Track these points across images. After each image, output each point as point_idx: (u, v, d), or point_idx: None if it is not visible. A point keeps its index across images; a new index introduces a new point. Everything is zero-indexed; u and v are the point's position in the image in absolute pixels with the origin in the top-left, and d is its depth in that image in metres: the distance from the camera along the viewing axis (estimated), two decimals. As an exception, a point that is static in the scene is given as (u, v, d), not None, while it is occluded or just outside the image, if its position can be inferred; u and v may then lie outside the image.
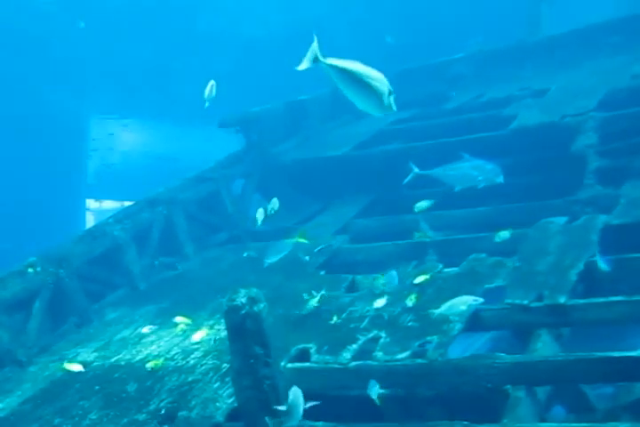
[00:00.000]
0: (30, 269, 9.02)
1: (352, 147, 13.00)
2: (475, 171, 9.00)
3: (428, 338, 6.93)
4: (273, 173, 13.10)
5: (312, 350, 7.15)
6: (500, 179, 8.94)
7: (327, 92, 15.16)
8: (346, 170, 12.47)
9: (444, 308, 6.86)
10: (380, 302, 7.70)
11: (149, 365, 7.48)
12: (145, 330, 8.28)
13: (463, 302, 6.81)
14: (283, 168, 13.01)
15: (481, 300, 6.85)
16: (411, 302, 7.52)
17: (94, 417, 6.96)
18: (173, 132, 24.75)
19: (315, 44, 4.68)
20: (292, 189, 12.93)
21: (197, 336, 7.80)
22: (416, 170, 9.51)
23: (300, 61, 4.70)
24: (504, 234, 8.58)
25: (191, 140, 23.93)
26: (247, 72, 21.46)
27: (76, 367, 7.78)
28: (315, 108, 14.85)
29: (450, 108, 14.13)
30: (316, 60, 4.67)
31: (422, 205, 9.64)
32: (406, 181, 9.60)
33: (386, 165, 12.12)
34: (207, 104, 9.67)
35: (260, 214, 9.62)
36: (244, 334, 5.78)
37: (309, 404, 5.67)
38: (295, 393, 5.60)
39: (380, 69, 4.92)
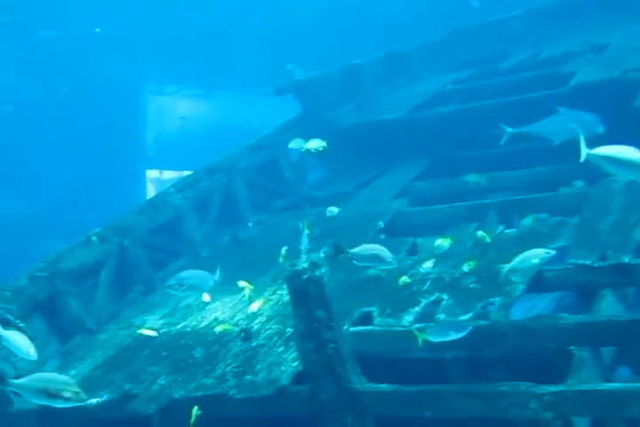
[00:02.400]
0: (95, 240, 9.21)
1: (409, 109, 12.89)
2: (573, 123, 8.72)
3: (491, 300, 6.90)
4: (330, 138, 13.03)
5: (374, 314, 7.19)
6: (601, 129, 8.57)
7: (381, 55, 15.04)
8: (403, 133, 12.38)
9: (515, 262, 6.69)
10: (428, 264, 7.68)
11: (218, 329, 7.60)
12: (206, 298, 8.39)
13: (535, 256, 6.60)
14: (340, 133, 12.97)
15: (553, 252, 6.65)
16: (472, 263, 7.48)
17: (163, 382, 7.13)
18: (230, 100, 24.83)
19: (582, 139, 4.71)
20: (350, 154, 12.91)
21: (254, 306, 7.89)
22: (509, 129, 9.27)
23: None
24: (526, 221, 8.36)
25: (248, 107, 23.98)
26: (303, 37, 21.37)
27: (150, 333, 7.98)
28: (369, 72, 14.73)
29: (507, 67, 13.89)
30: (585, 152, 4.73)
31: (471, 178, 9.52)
32: (503, 141, 9.37)
33: (443, 127, 12.01)
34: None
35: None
36: (307, 299, 5.84)
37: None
38: None
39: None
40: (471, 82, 13.57)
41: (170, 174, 25.28)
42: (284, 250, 8.12)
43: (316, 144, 9.09)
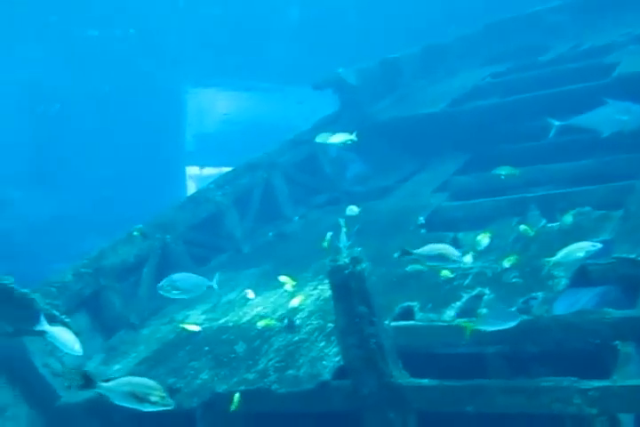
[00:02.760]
0: (138, 236, 9.31)
1: (448, 103, 12.83)
2: (621, 114, 8.57)
3: (533, 294, 6.85)
4: (369, 132, 13.03)
5: (416, 309, 7.17)
6: None
7: (419, 49, 14.98)
8: (443, 127, 12.33)
9: (560, 255, 6.58)
10: (468, 259, 7.63)
11: (260, 324, 7.65)
12: (250, 295, 8.44)
13: (581, 249, 6.48)
14: (379, 127, 12.95)
15: (599, 245, 6.52)
16: (514, 258, 7.43)
17: (205, 377, 7.19)
18: (268, 95, 24.90)
19: None
20: (389, 148, 12.89)
21: (295, 301, 7.92)
22: (556, 122, 9.16)
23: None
24: (567, 218, 8.23)
25: (287, 103, 24.03)
26: (341, 31, 21.36)
27: (194, 328, 8.06)
28: (408, 66, 14.69)
29: (547, 59, 13.75)
30: None
31: None
32: (551, 135, 9.26)
33: (483, 121, 11.93)
34: None
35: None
36: (349, 294, 5.85)
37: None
38: None
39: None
40: (510, 75, 13.46)
41: (210, 171, 25.43)
42: (328, 235, 8.11)
43: (344, 137, 9.05)
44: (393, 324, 6.86)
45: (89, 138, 20.71)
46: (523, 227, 8.09)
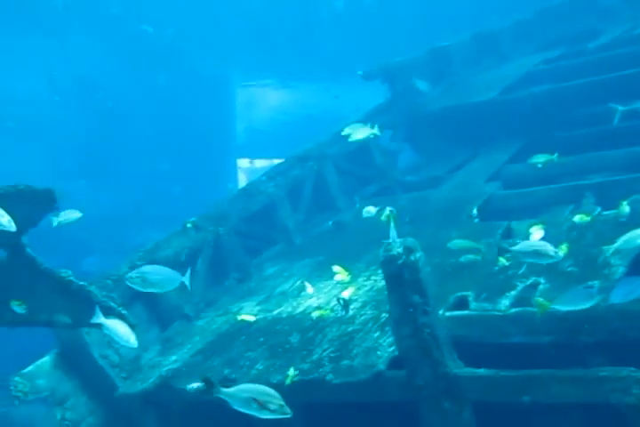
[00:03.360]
0: (191, 228, 9.42)
1: (499, 91, 12.70)
2: None
3: (589, 283, 6.76)
4: (420, 122, 13.01)
5: (470, 298, 7.13)
6: None
7: (469, 37, 14.84)
8: (494, 115, 12.22)
9: (620, 242, 6.46)
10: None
11: (315, 314, 7.69)
12: (309, 290, 8.46)
13: (638, 236, 6.35)
14: (429, 117, 12.89)
15: None
16: (569, 246, 7.34)
17: (261, 367, 7.25)
18: (316, 88, 24.92)
19: None
20: (440, 138, 12.82)
21: (346, 293, 7.93)
22: (620, 108, 9.00)
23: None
24: (623, 206, 8.03)
25: (334, 95, 24.01)
26: (387, 23, 21.26)
27: (250, 318, 8.14)
28: (458, 54, 14.57)
29: (601, 43, 13.51)
30: None
31: None
32: (615, 121, 9.10)
33: (536, 108, 11.79)
34: None
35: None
36: (402, 284, 5.85)
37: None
38: None
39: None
40: (564, 60, 13.26)
41: (261, 163, 25.56)
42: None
43: (367, 132, 9.05)
44: (447, 314, 6.85)
45: (143, 132, 20.96)
46: (578, 216, 7.98)
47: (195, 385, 7.26)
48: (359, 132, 9.02)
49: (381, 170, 12.23)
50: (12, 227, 5.93)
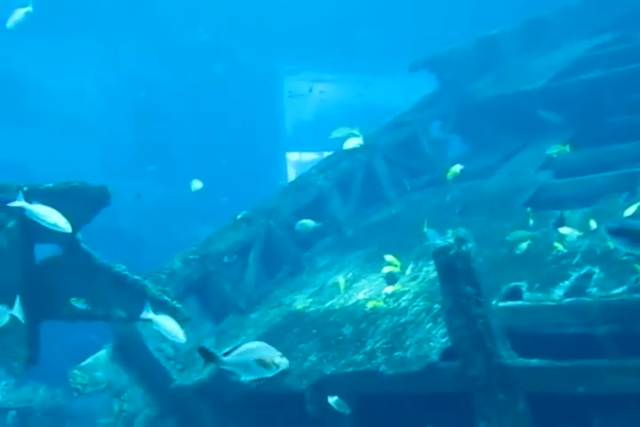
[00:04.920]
0: (243, 222, 9.48)
1: (550, 78, 12.52)
2: None
3: (646, 272, 6.66)
4: (469, 112, 12.90)
5: (523, 288, 7.07)
6: None
7: (518, 24, 14.65)
8: (545, 103, 12.06)
9: None
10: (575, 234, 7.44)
11: (369, 305, 7.69)
12: (341, 281, 8.48)
13: None
14: (479, 106, 12.77)
15: None
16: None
17: (314, 359, 7.29)
18: (362, 80, 24.86)
19: None
20: (490, 127, 12.70)
21: (389, 289, 7.92)
22: None
23: None
24: None
25: (381, 86, 23.95)
26: (432, 13, 21.12)
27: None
28: (506, 42, 14.39)
29: (653, 27, 13.26)
30: None
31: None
32: None
33: (588, 94, 11.61)
34: None
35: None
36: (455, 275, 5.83)
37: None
38: None
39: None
40: (615, 46, 13.02)
41: (309, 156, 25.58)
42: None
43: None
44: (500, 304, 6.80)
45: (192, 128, 21.12)
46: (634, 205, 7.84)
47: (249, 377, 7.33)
48: (348, 142, 9.22)
49: (431, 161, 12.17)
50: (69, 228, 6.05)
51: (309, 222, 9.03)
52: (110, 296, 6.78)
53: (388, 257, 8.24)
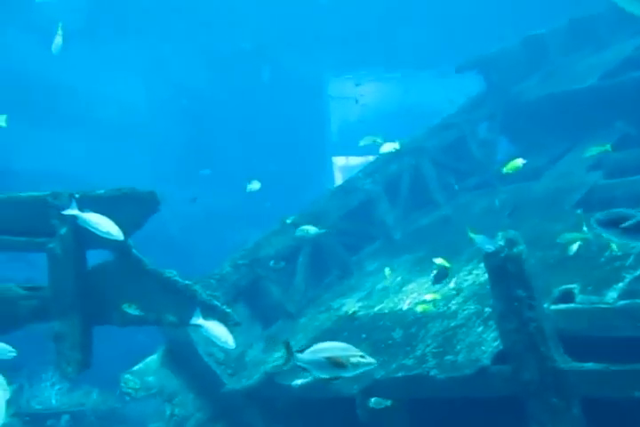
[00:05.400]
0: (291, 227, 9.48)
1: (598, 77, 12.34)
2: None
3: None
4: (516, 112, 12.77)
5: (576, 291, 6.96)
6: None
7: (565, 24, 14.48)
8: (594, 102, 11.88)
9: None
10: None
11: (419, 309, 7.64)
12: (387, 273, 8.37)
13: None
14: (526, 107, 12.63)
15: None
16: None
17: (364, 363, 7.25)
18: (409, 81, 24.76)
19: None
20: (538, 128, 12.55)
21: (429, 296, 7.84)
22: None
23: None
24: None
25: (427, 88, 23.83)
26: (476, 12, 20.96)
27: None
28: (553, 42, 14.22)
29: None
30: None
31: None
32: None
33: (637, 93, 11.41)
34: None
35: None
36: (506, 277, 5.76)
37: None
38: None
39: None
40: (666, 43, 12.81)
41: (356, 160, 25.55)
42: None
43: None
44: (552, 307, 6.70)
45: (239, 133, 21.23)
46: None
47: (299, 382, 7.34)
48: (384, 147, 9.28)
49: (480, 163, 12.06)
50: (121, 236, 6.12)
51: (311, 229, 8.97)
52: (161, 301, 6.83)
53: (438, 260, 8.18)
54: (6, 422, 6.78)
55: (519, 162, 8.74)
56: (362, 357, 4.68)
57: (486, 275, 6.14)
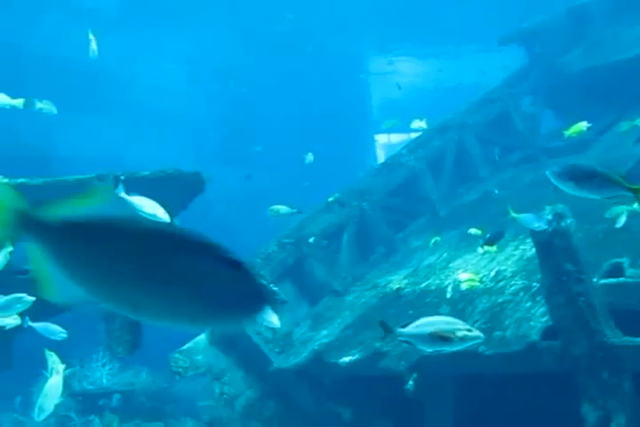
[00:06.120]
0: (336, 205, 9.50)
1: (645, 47, 12.09)
2: None
3: None
4: (560, 85, 12.58)
5: (625, 265, 6.85)
6: None
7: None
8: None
9: None
10: None
11: (464, 286, 7.58)
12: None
13: None
14: (571, 79, 12.43)
15: None
16: None
17: (411, 340, 7.24)
18: (450, 56, 24.51)
19: None
20: (583, 100, 12.34)
21: (464, 276, 7.75)
22: None
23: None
24: None
25: (468, 64, 23.57)
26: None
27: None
28: (598, 12, 13.94)
29: None
30: None
31: None
32: None
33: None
34: None
35: None
36: (554, 252, 5.71)
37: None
38: None
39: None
40: None
41: (398, 137, 25.42)
42: None
43: None
44: (601, 281, 6.62)
45: (280, 114, 21.20)
46: None
47: (347, 359, 7.36)
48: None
49: (524, 137, 11.92)
50: (167, 218, 6.15)
51: (282, 208, 8.82)
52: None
53: (473, 230, 8.07)
54: (60, 402, 6.91)
55: (583, 125, 8.53)
56: (469, 330, 4.64)
57: (533, 250, 6.09)
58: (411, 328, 4.62)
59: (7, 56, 15.76)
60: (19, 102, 6.68)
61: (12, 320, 6.24)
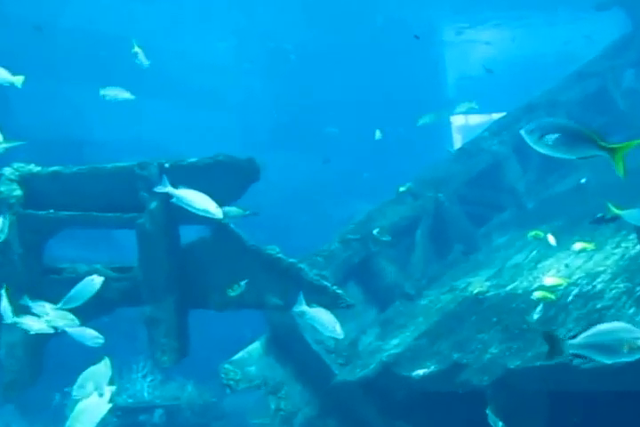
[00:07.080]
0: (407, 196, 9.45)
1: None
2: None
3: None
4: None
5: None
6: None
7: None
8: None
9: None
10: None
11: (559, 288, 7.45)
12: (552, 241, 8.14)
13: None
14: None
15: None
16: None
17: (495, 351, 7.19)
18: (536, 26, 24.23)
19: None
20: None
21: (550, 280, 7.62)
22: None
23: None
24: None
25: (561, 34, 23.27)
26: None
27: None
28: None
29: None
30: None
31: None
32: None
33: None
34: None
35: None
36: (664, 250, 5.61)
37: None
38: None
39: None
40: None
41: (477, 119, 25.22)
42: None
43: None
44: None
45: (343, 94, 21.14)
46: None
47: (421, 372, 7.34)
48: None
49: (625, 116, 11.72)
50: (220, 213, 6.16)
51: (233, 210, 8.32)
52: (263, 282, 6.91)
53: (577, 245, 7.93)
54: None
55: None
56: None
57: (638, 247, 5.98)
58: (582, 338, 4.54)
59: (41, 34, 16.00)
60: (18, 80, 6.79)
61: (41, 325, 6.32)
